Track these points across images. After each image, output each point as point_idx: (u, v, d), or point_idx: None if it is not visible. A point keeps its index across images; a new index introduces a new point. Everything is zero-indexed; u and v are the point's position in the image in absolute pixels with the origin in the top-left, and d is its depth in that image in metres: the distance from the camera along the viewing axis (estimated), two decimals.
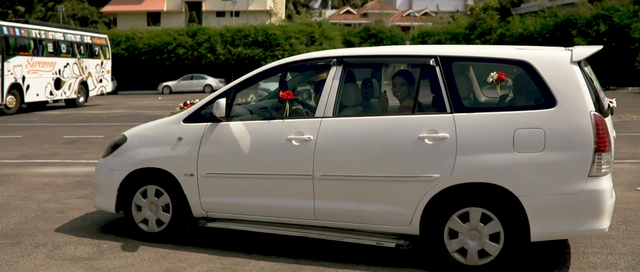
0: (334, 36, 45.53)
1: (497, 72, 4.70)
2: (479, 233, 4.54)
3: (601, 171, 4.32)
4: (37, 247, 5.54)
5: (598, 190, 4.32)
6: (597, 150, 4.29)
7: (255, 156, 5.16)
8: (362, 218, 4.88)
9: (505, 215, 4.48)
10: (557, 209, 4.37)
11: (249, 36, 44.30)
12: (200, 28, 46.02)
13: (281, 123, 5.13)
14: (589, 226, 4.36)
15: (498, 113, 4.55)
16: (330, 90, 5.05)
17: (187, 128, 5.48)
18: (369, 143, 4.80)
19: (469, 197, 4.57)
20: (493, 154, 4.44)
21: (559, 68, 4.48)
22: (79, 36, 27.95)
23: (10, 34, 23.01)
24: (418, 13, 62.60)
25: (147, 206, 5.67)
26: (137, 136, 5.78)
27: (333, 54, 5.25)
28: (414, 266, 4.87)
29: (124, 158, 5.72)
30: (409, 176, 4.64)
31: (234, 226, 5.40)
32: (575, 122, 4.33)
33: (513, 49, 4.81)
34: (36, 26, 25.23)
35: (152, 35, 45.39)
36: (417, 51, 5.10)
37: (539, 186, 4.38)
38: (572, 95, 4.38)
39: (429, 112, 4.74)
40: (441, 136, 4.57)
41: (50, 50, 25.53)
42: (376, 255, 5.13)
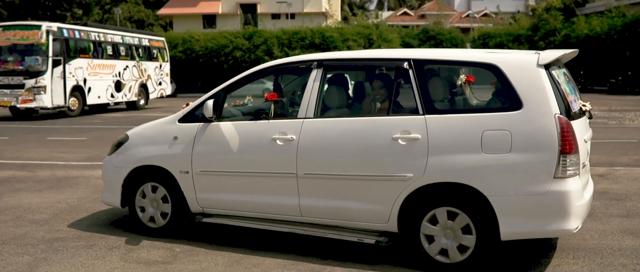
0: (391, 38, 44.44)
1: (466, 74, 4.89)
2: (453, 232, 4.70)
3: (567, 172, 4.42)
4: (111, 249, 5.63)
5: (564, 191, 4.41)
6: (562, 152, 4.39)
7: (243, 155, 5.44)
8: (344, 215, 5.08)
9: (476, 215, 4.60)
10: (525, 209, 4.48)
11: (305, 38, 43.54)
12: (257, 30, 45.50)
13: (267, 123, 5.40)
14: (556, 226, 4.46)
15: (467, 115, 4.70)
16: (312, 92, 5.27)
17: (182, 128, 5.79)
18: (347, 143, 5.01)
19: (442, 196, 4.72)
20: (463, 154, 4.58)
21: (526, 71, 4.58)
22: (137, 39, 27.64)
23: (70, 36, 22.74)
24: (477, 14, 60.83)
25: (149, 202, 6.00)
26: (138, 135, 6.12)
27: (314, 57, 5.46)
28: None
29: (126, 156, 6.08)
30: (385, 175, 4.84)
31: (227, 221, 5.67)
32: (540, 125, 4.44)
33: (483, 53, 4.94)
34: (95, 29, 24.97)
35: (209, 38, 45.08)
36: (392, 55, 5.37)
37: (507, 187, 4.49)
38: (537, 98, 4.48)
39: (402, 114, 4.97)
40: (413, 137, 4.76)
41: (110, 52, 25.23)
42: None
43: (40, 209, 7.29)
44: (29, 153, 12.54)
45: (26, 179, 9.46)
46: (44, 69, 21.04)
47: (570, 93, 4.91)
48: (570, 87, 4.99)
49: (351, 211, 5.04)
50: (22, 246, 5.81)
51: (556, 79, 4.71)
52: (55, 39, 21.53)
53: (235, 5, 53.83)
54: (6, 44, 21.64)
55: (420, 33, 47.85)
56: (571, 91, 4.95)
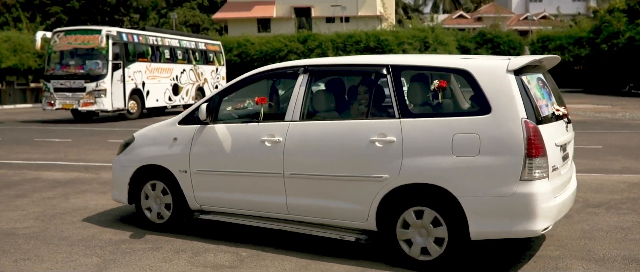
0: (448, 41, 43.69)
1: (439, 80, 5.02)
2: (427, 231, 4.88)
3: (533, 175, 4.57)
4: (178, 253, 5.59)
5: (530, 193, 4.56)
6: (528, 155, 4.54)
7: (235, 155, 5.73)
8: (327, 214, 5.32)
9: (448, 214, 4.79)
10: (493, 210, 4.64)
11: (360, 42, 43.24)
12: (311, 34, 45.44)
13: (257, 126, 5.68)
14: (522, 227, 4.61)
15: (439, 119, 4.90)
16: (297, 96, 5.53)
17: (181, 129, 6.12)
18: (329, 145, 5.25)
19: (416, 196, 4.91)
20: (435, 157, 4.77)
21: (495, 77, 4.74)
22: (193, 43, 27.86)
23: (129, 40, 23.05)
24: (536, 16, 59.32)
25: (152, 199, 6.33)
26: (143, 136, 6.48)
27: (300, 63, 5.75)
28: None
29: (132, 156, 6.43)
30: (363, 175, 5.06)
31: (223, 218, 5.98)
32: (507, 129, 4.59)
33: (457, 58, 5.14)
34: (153, 33, 25.26)
35: (263, 42, 45.26)
36: (372, 61, 5.55)
37: (475, 188, 4.66)
38: (505, 103, 4.63)
39: (380, 117, 5.21)
40: (389, 140, 4.97)
41: (167, 56, 25.48)
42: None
43: (105, 210, 7.25)
44: (91, 155, 12.66)
45: (90, 180, 9.48)
46: (104, 72, 21.36)
47: (542, 98, 5.01)
48: (543, 92, 5.10)
49: (333, 209, 5.28)
50: (91, 247, 5.81)
51: (526, 84, 4.84)
52: (114, 43, 21.84)
53: (289, 9, 53.96)
54: (68, 49, 22.07)
55: (477, 36, 46.97)
56: (543, 96, 5.06)
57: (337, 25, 49.97)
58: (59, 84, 21.69)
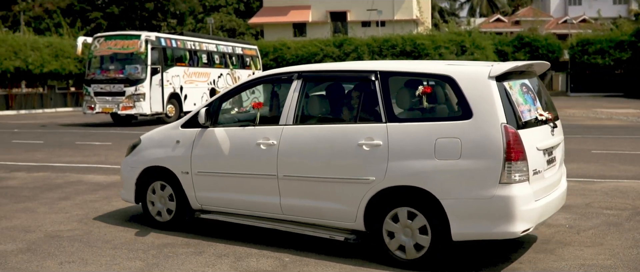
0: (485, 45, 43.18)
1: (423, 85, 5.14)
2: (411, 231, 5.05)
3: (512, 178, 4.71)
4: (220, 257, 5.58)
5: (508, 196, 4.69)
6: (507, 159, 4.67)
7: (233, 158, 5.98)
8: (318, 214, 5.53)
9: (431, 216, 4.95)
10: (473, 212, 4.79)
11: (396, 46, 43.05)
12: (347, 38, 45.42)
13: (253, 129, 5.92)
14: (501, 229, 4.75)
15: (423, 123, 5.07)
16: (291, 101, 5.74)
17: (184, 132, 6.39)
18: (320, 148, 5.46)
19: (401, 198, 5.09)
20: (418, 160, 4.94)
21: (477, 83, 4.87)
22: (230, 47, 28.05)
23: (167, 45, 23.30)
24: (575, 20, 58.23)
25: (157, 198, 6.61)
26: (148, 139, 6.78)
27: (294, 69, 5.96)
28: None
29: (138, 157, 6.74)
30: (351, 178, 5.26)
31: (222, 217, 6.23)
32: (487, 133, 4.73)
33: (442, 65, 5.31)
34: (191, 38, 25.51)
35: (299, 46, 45.38)
36: (361, 67, 5.79)
37: (457, 190, 4.81)
38: (486, 108, 4.76)
39: (368, 122, 5.33)
40: (376, 143, 5.16)
41: (205, 61, 25.70)
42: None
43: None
44: None
45: None
46: (143, 77, 21.62)
47: (525, 103, 5.12)
48: (527, 97, 5.20)
49: (324, 210, 5.49)
50: (134, 250, 5.84)
51: (508, 90, 4.95)
52: (153, 48, 22.10)
53: (325, 13, 53.99)
54: (108, 53, 22.41)
55: (515, 40, 46.31)
56: (526, 102, 5.15)
57: (372, 30, 49.81)
58: (99, 88, 22.02)
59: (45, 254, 5.72)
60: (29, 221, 7.04)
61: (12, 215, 7.35)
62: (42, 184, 9.59)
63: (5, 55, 37.17)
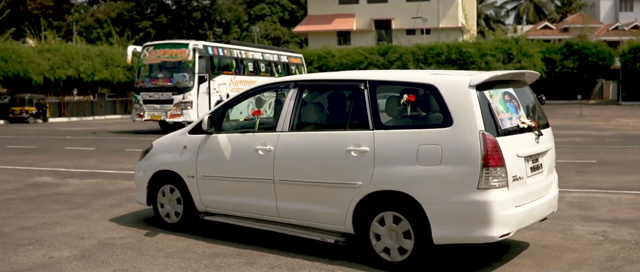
0: (532, 53, 42.47)
1: (408, 94, 5.33)
2: (396, 234, 5.24)
3: (489, 184, 4.86)
4: (273, 268, 5.54)
5: (486, 201, 4.85)
6: (484, 165, 4.83)
7: (234, 163, 6.29)
8: (311, 217, 5.78)
9: (414, 220, 5.13)
10: (453, 217, 4.96)
11: (441, 54, 42.68)
12: (391, 46, 45.24)
13: (252, 136, 6.21)
14: (479, 233, 4.91)
15: (407, 130, 5.28)
16: (287, 108, 5.98)
17: (190, 138, 6.73)
18: (312, 154, 5.71)
19: (386, 202, 5.30)
20: (402, 166, 5.14)
21: (458, 92, 5.04)
22: (276, 55, 28.17)
23: (214, 54, 23.53)
24: (626, 26, 56.66)
25: (167, 201, 6.98)
26: (159, 144, 7.17)
27: (291, 79, 6.31)
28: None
29: (150, 162, 7.15)
30: (340, 182, 5.49)
31: (224, 219, 6.52)
32: (466, 140, 4.89)
33: (427, 74, 5.48)
34: (237, 46, 25.70)
35: (343, 54, 45.38)
36: (352, 76, 5.96)
37: (437, 195, 4.99)
38: (465, 116, 4.93)
39: (356, 129, 5.54)
40: (363, 149, 5.37)
41: (251, 69, 25.86)
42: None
43: (198, 221, 7.26)
44: None
45: None
46: (191, 85, 21.86)
47: (506, 111, 5.24)
48: (509, 106, 5.32)
49: (316, 213, 5.74)
50: (186, 259, 5.84)
51: (488, 98, 5.11)
52: (201, 57, 22.33)
53: (369, 21, 53.88)
54: (156, 62, 22.75)
55: (563, 47, 45.39)
56: (507, 110, 5.27)
57: (417, 37, 49.45)
58: (147, 96, 22.35)
59: (99, 261, 5.77)
60: (83, 227, 7.13)
61: (67, 221, 7.45)
62: (95, 191, 9.73)
63: (59, 64, 38.13)
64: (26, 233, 6.86)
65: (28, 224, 7.33)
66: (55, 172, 11.96)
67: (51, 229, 7.03)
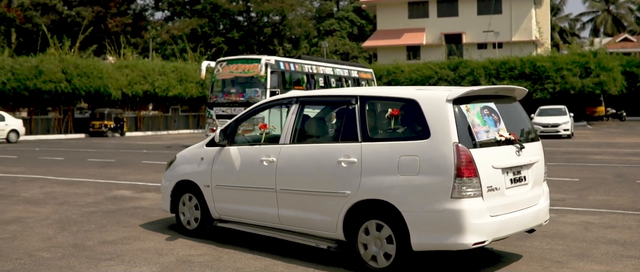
0: (612, 66, 40.97)
1: (392, 108, 5.69)
2: (380, 241, 5.53)
3: (463, 193, 5.13)
4: None
5: (459, 210, 5.13)
6: (457, 175, 5.11)
7: (243, 173, 6.79)
8: (307, 224, 6.16)
9: (396, 227, 5.40)
10: (429, 224, 5.23)
11: (514, 68, 41.77)
12: (462, 61, 44.60)
13: (258, 148, 6.72)
14: (453, 240, 5.18)
15: (390, 142, 5.61)
16: (289, 122, 6.43)
17: (207, 151, 7.28)
18: (308, 165, 6.13)
19: (372, 210, 5.59)
20: (385, 176, 5.46)
21: (436, 106, 5.35)
22: (346, 70, 28.15)
23: (286, 69, 23.72)
24: None
25: (187, 208, 7.57)
26: (182, 156, 7.77)
27: (293, 95, 6.75)
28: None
29: (173, 172, 7.77)
30: (331, 191, 5.85)
31: (234, 226, 7.04)
32: (441, 151, 5.19)
33: (410, 89, 5.83)
34: (308, 61, 25.82)
35: (413, 69, 45.08)
36: (344, 92, 6.47)
37: (415, 204, 5.28)
38: (441, 129, 5.23)
39: (347, 141, 5.89)
40: (352, 160, 5.73)
41: (321, 84, 25.91)
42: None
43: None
44: None
45: None
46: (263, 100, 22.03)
47: (483, 125, 5.49)
48: (487, 119, 5.56)
49: (312, 220, 6.13)
50: None
51: (464, 112, 5.39)
52: (272, 72, 22.56)
53: (439, 36, 53.34)
54: (229, 77, 23.12)
55: None
56: (485, 123, 5.51)
57: (489, 52, 48.63)
58: (220, 111, 22.72)
59: None
60: (161, 243, 7.24)
61: (145, 236, 7.59)
62: None
63: (136, 79, 39.37)
64: (107, 247, 7.02)
65: (109, 238, 7.51)
66: (134, 186, 12.28)
67: (131, 244, 7.17)
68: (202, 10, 65.34)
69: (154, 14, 73.40)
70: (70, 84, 36.52)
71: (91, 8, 60.69)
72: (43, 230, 8.02)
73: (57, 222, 8.51)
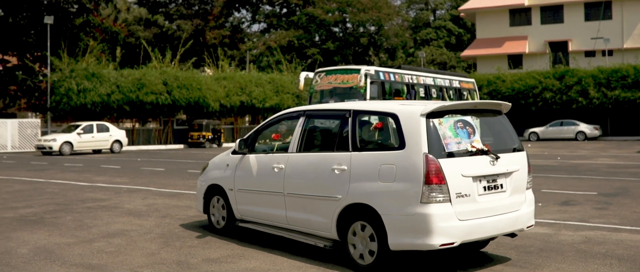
0: None
1: (376, 121, 6.45)
2: (365, 240, 6.18)
3: (431, 198, 5.68)
4: None
5: (427, 214, 5.67)
6: (426, 182, 5.67)
7: (259, 178, 7.56)
8: (309, 225, 6.88)
9: (377, 228, 6.03)
10: (402, 226, 5.82)
11: (627, 77, 39.09)
12: (568, 70, 42.25)
13: (271, 156, 7.50)
14: (422, 241, 5.71)
15: (374, 152, 6.28)
16: (296, 133, 7.25)
17: (232, 158, 8.05)
18: (309, 171, 6.91)
19: (359, 213, 6.26)
20: (368, 182, 6.13)
21: (411, 119, 5.93)
22: (447, 80, 27.04)
23: (385, 79, 22.97)
24: None
25: (216, 209, 8.36)
26: (212, 163, 8.55)
27: (302, 109, 7.50)
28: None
29: (206, 177, 8.56)
30: (326, 196, 6.57)
31: (252, 226, 7.74)
32: (413, 161, 5.78)
33: (393, 104, 6.54)
34: (408, 71, 24.93)
35: (515, 79, 43.16)
36: (341, 107, 7.12)
37: (392, 207, 5.90)
38: (414, 140, 5.82)
39: (341, 151, 6.60)
40: (343, 168, 6.44)
41: (422, 94, 24.97)
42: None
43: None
44: None
45: None
46: None
47: (454, 136, 5.94)
48: (460, 132, 6.00)
49: (312, 221, 6.77)
50: None
51: (436, 125, 5.87)
52: (372, 82, 21.86)
53: (543, 43, 50.97)
54: (328, 88, 22.59)
55: None
56: (457, 135, 5.97)
57: (598, 60, 45.99)
58: None
59: None
60: (267, 263, 6.69)
61: (250, 255, 7.07)
62: None
63: (234, 91, 39.84)
64: (212, 266, 6.58)
65: (213, 255, 7.08)
66: None
67: (236, 263, 6.71)
68: (298, 22, 65.76)
69: (250, 26, 74.56)
70: (170, 95, 37.38)
71: (191, 21, 62.41)
72: (146, 245, 7.71)
73: (160, 237, 8.21)
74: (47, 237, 8.25)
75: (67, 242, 7.86)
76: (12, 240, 8.08)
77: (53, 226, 9.06)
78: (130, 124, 39.49)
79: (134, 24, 60.86)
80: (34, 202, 11.73)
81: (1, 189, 14.19)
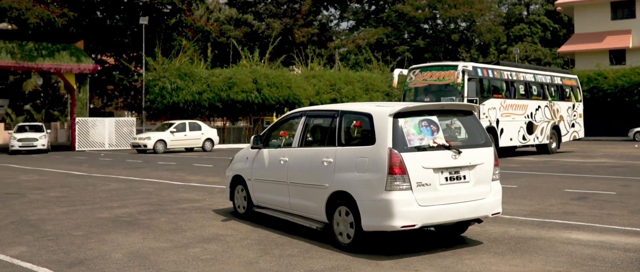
0: None
1: (356, 120, 7.40)
2: (346, 222, 7.17)
3: (394, 187, 6.63)
4: None
5: (389, 199, 6.63)
6: (389, 173, 6.64)
7: (269, 169, 8.82)
8: (306, 209, 7.96)
9: (354, 212, 7.02)
10: (372, 210, 6.78)
11: None
12: None
13: (279, 150, 8.72)
14: (386, 223, 6.67)
15: (352, 147, 7.29)
16: (298, 131, 8.40)
17: (250, 152, 9.49)
18: (306, 163, 7.99)
19: (342, 199, 7.23)
20: (347, 172, 7.15)
21: (381, 119, 6.94)
22: (549, 77, 25.56)
23: (484, 75, 21.91)
24: None
25: (239, 197, 9.78)
26: (237, 156, 10.01)
27: (302, 110, 8.79)
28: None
29: (231, 168, 10.05)
30: (317, 184, 7.63)
31: (265, 211, 9.05)
32: (380, 155, 6.76)
33: (371, 106, 7.50)
34: (508, 67, 23.68)
35: (618, 75, 40.57)
36: (331, 107, 8.25)
37: (364, 194, 6.87)
38: (382, 137, 6.81)
39: (330, 146, 7.64)
40: (330, 161, 7.48)
41: (522, 92, 23.70)
42: None
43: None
44: None
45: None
46: None
47: (418, 134, 6.90)
48: (424, 130, 6.94)
49: (308, 206, 7.89)
50: None
51: (402, 124, 6.89)
52: (470, 79, 20.91)
53: None
54: (423, 85, 21.76)
55: None
56: (420, 132, 6.91)
57: None
58: None
59: None
60: None
61: (356, 266, 6.45)
62: None
63: (323, 89, 39.50)
64: None
65: (315, 266, 6.53)
66: None
67: None
68: (387, 19, 64.77)
69: (339, 24, 74.18)
70: (260, 94, 37.42)
71: (280, 20, 62.68)
72: (243, 252, 7.27)
73: (258, 243, 7.76)
74: (142, 240, 7.97)
75: (162, 247, 7.53)
76: (107, 243, 7.82)
77: (147, 229, 8.80)
78: (221, 123, 39.86)
79: (225, 23, 61.72)
80: (129, 202, 11.61)
81: (98, 188, 14.26)
